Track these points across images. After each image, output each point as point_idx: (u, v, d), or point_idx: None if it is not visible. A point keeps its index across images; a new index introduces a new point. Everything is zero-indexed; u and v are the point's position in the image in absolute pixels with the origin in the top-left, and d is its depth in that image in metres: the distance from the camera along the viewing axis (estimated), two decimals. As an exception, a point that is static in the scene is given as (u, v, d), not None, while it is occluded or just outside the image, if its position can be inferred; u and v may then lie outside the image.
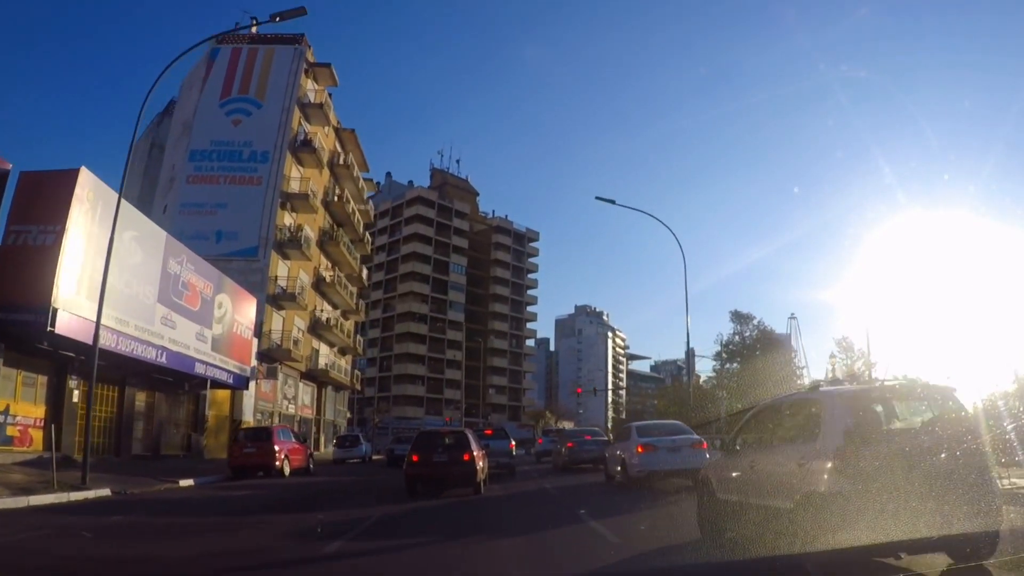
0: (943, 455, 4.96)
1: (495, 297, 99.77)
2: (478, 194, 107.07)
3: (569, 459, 22.18)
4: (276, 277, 35.18)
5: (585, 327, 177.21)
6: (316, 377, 42.27)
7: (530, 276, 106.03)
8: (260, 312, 33.46)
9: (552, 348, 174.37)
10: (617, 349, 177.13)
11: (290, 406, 38.00)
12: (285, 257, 36.56)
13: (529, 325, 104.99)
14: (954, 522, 4.66)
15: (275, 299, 34.87)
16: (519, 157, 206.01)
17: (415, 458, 13.84)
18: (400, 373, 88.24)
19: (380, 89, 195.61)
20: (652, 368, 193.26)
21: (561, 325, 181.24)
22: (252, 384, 31.35)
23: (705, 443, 14.79)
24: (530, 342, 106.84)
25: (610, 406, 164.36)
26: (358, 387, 50.55)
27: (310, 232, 40.45)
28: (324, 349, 44.37)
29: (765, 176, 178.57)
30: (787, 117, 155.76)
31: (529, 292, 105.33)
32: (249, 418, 31.10)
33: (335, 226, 44.78)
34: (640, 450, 14.30)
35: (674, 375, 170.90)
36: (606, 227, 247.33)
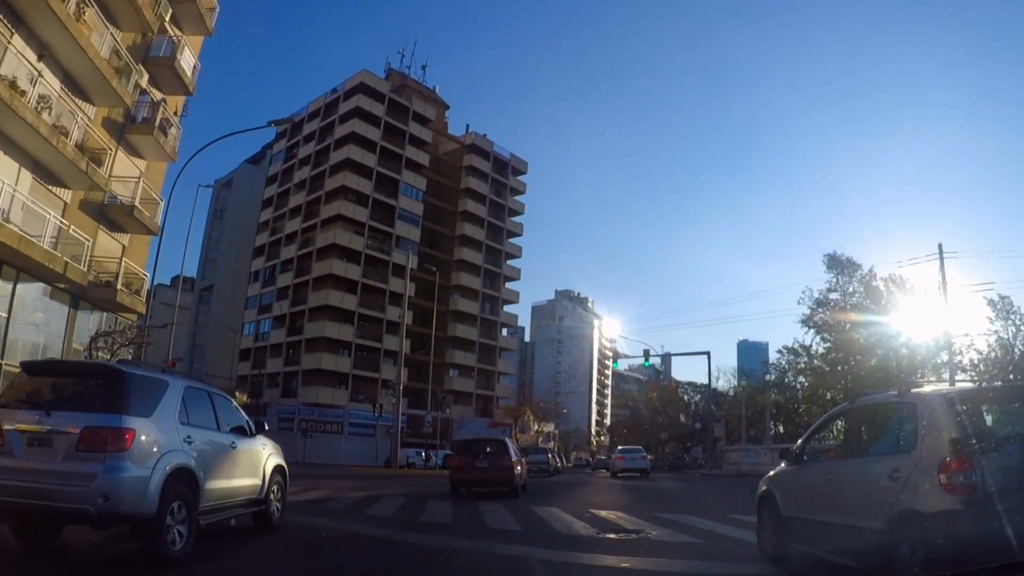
0: None
1: (464, 240, 70.77)
2: (448, 107, 78.21)
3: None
4: None
5: (567, 315, 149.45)
6: None
7: (514, 219, 77.36)
8: None
9: (527, 338, 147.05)
10: (604, 341, 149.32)
11: None
12: None
13: (509, 286, 76.16)
14: None
15: None
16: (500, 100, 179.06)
17: (459, 463, 16.90)
18: (315, 336, 58.71)
19: None
20: (628, 370, 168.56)
21: (539, 312, 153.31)
22: None
23: (649, 456, 39.88)
24: (510, 309, 77.89)
25: (594, 407, 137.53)
26: (101, 280, 20.55)
27: None
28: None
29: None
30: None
31: (511, 241, 76.69)
32: None
33: None
34: (618, 459, 36.56)
35: (652, 378, 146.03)
36: (587, 209, 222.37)
